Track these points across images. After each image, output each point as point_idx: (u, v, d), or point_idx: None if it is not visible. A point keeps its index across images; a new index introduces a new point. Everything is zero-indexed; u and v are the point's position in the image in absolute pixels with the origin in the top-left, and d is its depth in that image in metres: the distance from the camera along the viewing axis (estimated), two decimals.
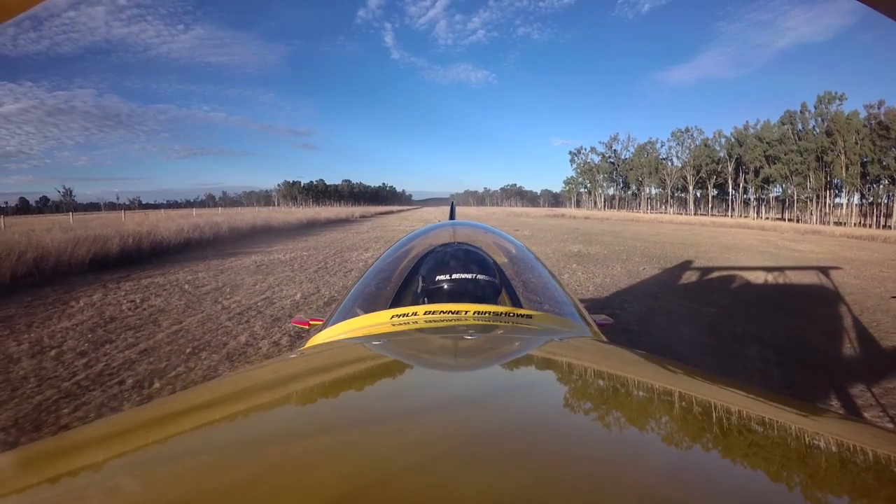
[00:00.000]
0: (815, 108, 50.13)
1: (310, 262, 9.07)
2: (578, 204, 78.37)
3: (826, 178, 49.04)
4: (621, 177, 73.32)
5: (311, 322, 1.79)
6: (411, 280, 1.42)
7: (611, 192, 75.51)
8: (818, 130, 49.17)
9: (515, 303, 1.44)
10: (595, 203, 75.24)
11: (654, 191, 69.09)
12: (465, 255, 1.29)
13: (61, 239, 8.25)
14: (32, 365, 3.49)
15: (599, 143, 76.48)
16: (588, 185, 76.49)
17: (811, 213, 50.35)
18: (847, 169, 46.60)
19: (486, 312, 1.02)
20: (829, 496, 0.33)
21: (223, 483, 0.32)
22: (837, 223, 44.15)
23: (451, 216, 3.15)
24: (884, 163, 44.56)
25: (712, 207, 63.38)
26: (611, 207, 72.47)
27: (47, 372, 3.36)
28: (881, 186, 46.63)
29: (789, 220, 49.94)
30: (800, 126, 51.05)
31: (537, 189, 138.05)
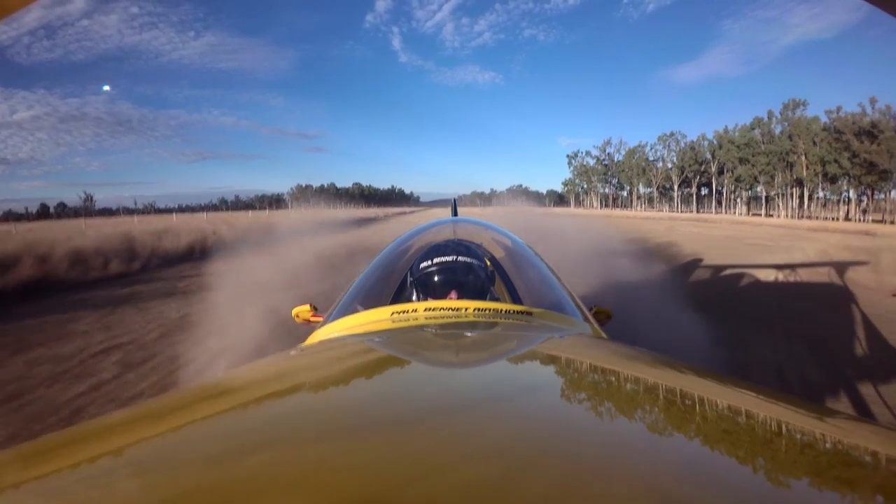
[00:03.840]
0: (781, 114, 56.68)
1: (389, 235, 16.20)
2: (579, 203, 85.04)
3: (791, 177, 55.49)
4: (615, 178, 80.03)
5: (311, 318, 1.87)
6: (411, 276, 1.43)
7: (606, 191, 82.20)
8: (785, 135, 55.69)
9: (515, 299, 1.51)
10: (591, 202, 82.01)
11: (644, 190, 75.69)
12: (464, 251, 1.33)
13: (238, 228, 15.08)
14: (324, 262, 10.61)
15: (594, 147, 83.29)
16: (585, 185, 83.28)
17: (780, 209, 56.97)
18: (807, 169, 53.11)
19: (486, 309, 1.04)
20: (831, 494, 0.33)
21: (225, 479, 0.33)
22: (807, 217, 50.76)
23: (454, 213, 3.38)
24: (840, 163, 50.97)
25: (700, 204, 69.88)
26: (606, 205, 79.18)
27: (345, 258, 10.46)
28: (840, 183, 53.02)
29: (767, 215, 56.55)
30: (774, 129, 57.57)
31: (543, 189, 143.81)
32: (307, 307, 1.81)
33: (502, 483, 0.31)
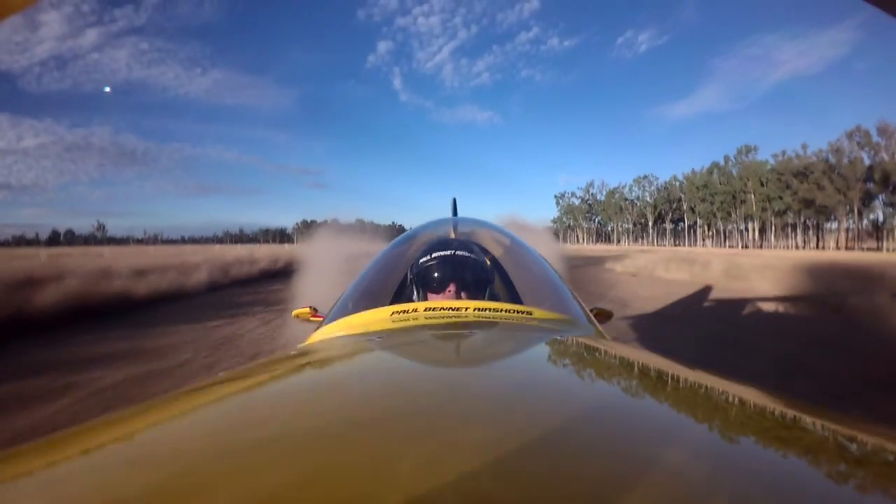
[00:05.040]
0: (735, 157, 64.99)
1: None
2: (566, 238, 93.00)
3: (743, 213, 63.21)
4: (597, 216, 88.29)
5: (311, 318, 1.83)
6: (411, 276, 1.40)
7: (591, 227, 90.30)
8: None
9: (516, 298, 1.46)
10: (577, 237, 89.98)
11: (624, 226, 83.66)
12: (463, 247, 1.32)
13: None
14: None
15: (578, 188, 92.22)
16: (570, 222, 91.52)
17: (735, 240, 64.47)
18: (756, 205, 60.86)
19: (486, 309, 1.04)
20: (831, 495, 0.33)
21: (225, 479, 0.33)
22: (758, 247, 58.09)
23: (454, 213, 3.34)
24: (783, 199, 58.63)
25: (675, 238, 77.38)
26: (590, 240, 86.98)
27: None
28: (787, 217, 60.49)
29: (729, 246, 63.93)
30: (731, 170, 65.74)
31: (539, 226, 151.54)
32: (307, 309, 1.85)
33: (506, 484, 0.31)
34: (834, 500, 0.33)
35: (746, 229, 64.47)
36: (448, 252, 1.29)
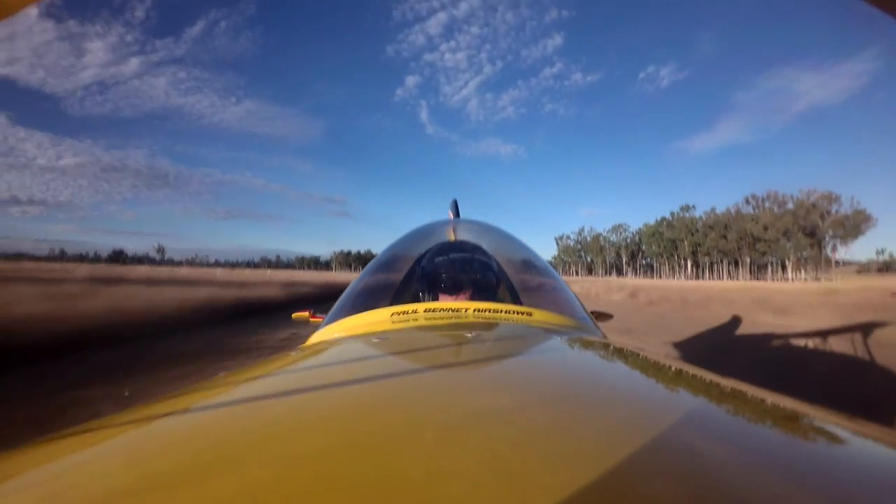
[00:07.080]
0: (678, 214, 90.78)
1: None
2: (565, 272, 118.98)
3: (680, 255, 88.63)
4: (587, 255, 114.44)
5: (311, 319, 1.84)
6: (411, 277, 1.41)
7: (583, 263, 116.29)
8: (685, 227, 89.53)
9: (516, 299, 1.46)
10: (571, 272, 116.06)
11: (608, 262, 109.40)
12: (469, 249, 1.34)
13: None
14: None
15: (572, 233, 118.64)
16: (565, 259, 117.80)
17: (675, 275, 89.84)
18: (687, 249, 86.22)
19: (486, 310, 1.03)
20: (832, 495, 0.33)
21: (224, 481, 0.33)
22: (694, 279, 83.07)
23: (456, 214, 3.27)
24: (706, 246, 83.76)
25: (646, 272, 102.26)
26: (577, 274, 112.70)
27: None
28: (711, 258, 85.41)
29: (679, 279, 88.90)
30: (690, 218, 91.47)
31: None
32: (306, 313, 1.87)
33: (505, 487, 0.30)
34: (835, 499, 0.33)
35: (687, 266, 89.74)
36: (449, 252, 1.33)
